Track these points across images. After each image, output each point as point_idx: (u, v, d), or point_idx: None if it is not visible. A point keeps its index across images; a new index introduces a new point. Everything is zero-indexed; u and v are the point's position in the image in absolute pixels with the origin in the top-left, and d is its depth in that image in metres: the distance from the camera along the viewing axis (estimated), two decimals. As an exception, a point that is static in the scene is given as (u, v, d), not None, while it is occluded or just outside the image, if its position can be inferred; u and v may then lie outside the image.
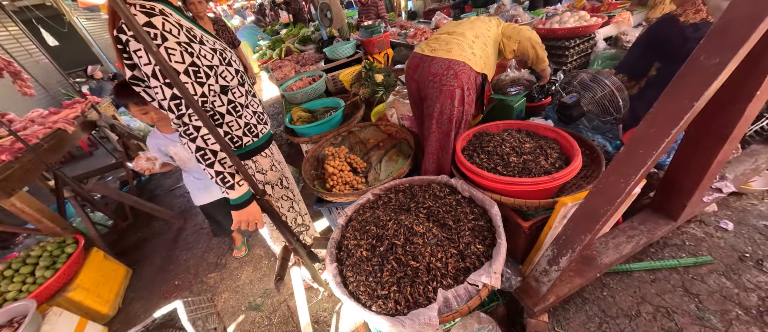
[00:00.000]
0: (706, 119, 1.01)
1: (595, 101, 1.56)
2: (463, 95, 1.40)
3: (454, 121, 1.44)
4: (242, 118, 1.10)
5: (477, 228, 1.16)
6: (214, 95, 0.99)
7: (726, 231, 1.50)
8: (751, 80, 0.86)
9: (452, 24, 1.60)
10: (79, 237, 1.72)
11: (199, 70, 0.91)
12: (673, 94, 0.82)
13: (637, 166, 0.86)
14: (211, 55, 0.96)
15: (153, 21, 0.81)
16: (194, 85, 0.90)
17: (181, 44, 0.86)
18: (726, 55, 0.73)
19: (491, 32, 1.51)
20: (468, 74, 1.37)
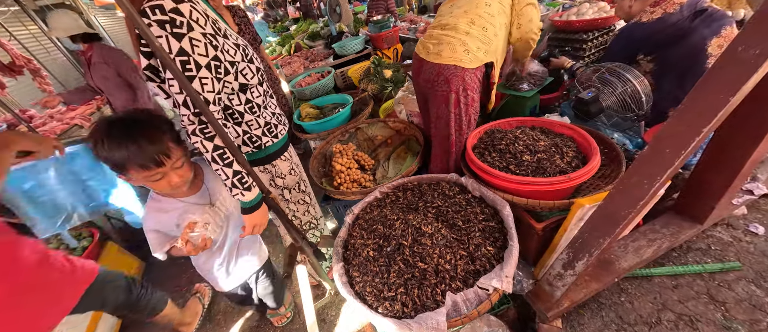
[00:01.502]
0: (740, 116, 0.93)
1: (616, 96, 1.48)
2: (458, 98, 1.34)
3: (451, 124, 1.39)
4: (261, 118, 1.07)
5: (488, 229, 1.12)
6: (232, 93, 0.95)
7: (756, 235, 1.41)
8: (794, 73, 0.78)
9: (449, 5, 1.45)
10: (95, 231, 1.77)
11: (221, 65, 0.86)
12: (706, 89, 0.75)
13: (663, 166, 0.80)
14: (234, 51, 0.91)
15: (180, 7, 0.76)
16: (213, 80, 0.85)
17: (207, 36, 0.81)
18: (766, 45, 0.67)
19: (493, 9, 1.32)
20: (460, 77, 1.30)
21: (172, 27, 0.75)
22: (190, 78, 0.80)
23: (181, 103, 0.83)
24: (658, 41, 1.48)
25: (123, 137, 0.78)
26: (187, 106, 0.82)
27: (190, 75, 0.80)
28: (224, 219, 1.09)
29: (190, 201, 0.99)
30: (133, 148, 0.79)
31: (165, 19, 0.74)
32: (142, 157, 0.81)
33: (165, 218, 0.95)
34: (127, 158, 0.79)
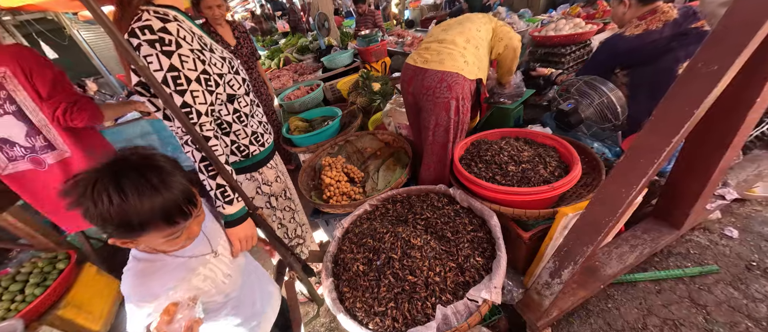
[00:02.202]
0: (706, 126, 0.99)
1: (594, 107, 1.55)
2: (458, 105, 1.39)
3: (450, 131, 1.43)
4: (248, 127, 1.09)
5: (476, 239, 1.13)
6: (221, 104, 0.98)
7: (731, 238, 1.47)
8: (751, 86, 0.85)
9: (441, 28, 1.55)
10: (72, 253, 1.69)
11: (210, 77, 0.90)
12: (673, 102, 0.80)
13: (638, 175, 0.84)
14: (221, 63, 0.95)
15: (168, 27, 0.79)
16: (204, 92, 0.88)
17: (194, 51, 0.84)
18: (725, 61, 0.72)
19: (482, 32, 1.48)
20: (461, 85, 1.36)
21: (161, 45, 0.78)
22: (182, 92, 0.82)
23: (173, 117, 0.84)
24: (634, 57, 1.55)
25: (143, 187, 0.58)
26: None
27: (182, 89, 0.82)
28: (232, 267, 0.89)
29: (186, 254, 0.76)
30: (159, 199, 0.60)
31: (154, 38, 0.77)
32: (172, 210, 0.63)
33: (157, 285, 0.69)
34: (151, 214, 0.59)
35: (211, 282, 0.78)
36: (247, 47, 2.47)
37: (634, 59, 1.55)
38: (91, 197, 0.55)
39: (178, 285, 0.70)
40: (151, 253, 0.71)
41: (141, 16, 0.78)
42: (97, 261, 1.90)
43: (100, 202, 0.55)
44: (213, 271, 0.80)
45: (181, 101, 0.82)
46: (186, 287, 0.72)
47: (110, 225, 0.58)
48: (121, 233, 0.60)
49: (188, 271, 0.75)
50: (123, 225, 0.58)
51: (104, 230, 0.59)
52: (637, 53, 1.53)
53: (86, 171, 0.58)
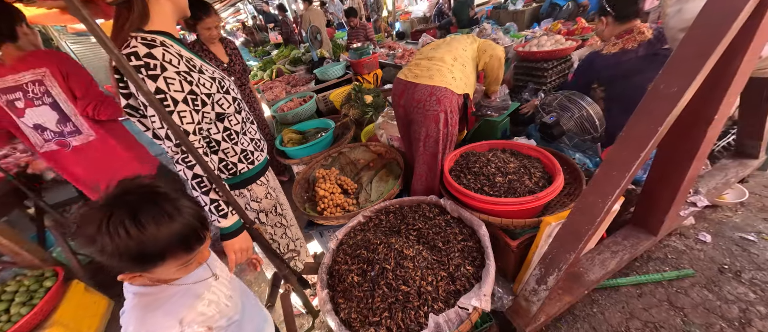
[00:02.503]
0: (673, 140, 1.08)
1: (574, 120, 1.64)
2: (447, 118, 1.46)
3: (439, 142, 1.50)
4: (238, 145, 1.12)
5: (466, 249, 1.18)
6: (210, 122, 1.01)
7: (705, 243, 1.56)
8: (708, 106, 0.93)
9: (430, 47, 1.65)
10: (59, 270, 1.66)
11: (197, 97, 0.93)
12: (640, 120, 0.88)
13: (612, 186, 0.91)
14: (210, 84, 0.98)
15: (153, 52, 0.84)
16: (192, 112, 0.91)
17: (180, 73, 0.88)
18: (682, 84, 0.80)
19: (468, 52, 1.59)
20: (450, 98, 1.44)
21: (146, 70, 0.83)
22: (169, 112, 0.86)
23: (163, 136, 0.90)
24: (610, 75, 1.66)
25: (160, 216, 0.58)
26: (169, 137, 0.89)
27: (169, 110, 0.86)
28: (232, 289, 0.88)
29: (189, 280, 0.74)
30: (176, 226, 0.59)
31: (140, 63, 0.82)
32: (190, 236, 0.62)
33: (165, 317, 0.67)
34: (169, 243, 0.59)
35: (215, 306, 0.77)
36: (239, 64, 2.50)
37: (611, 76, 1.66)
38: (108, 232, 0.53)
39: (186, 315, 0.69)
40: (151, 286, 0.68)
41: (129, 43, 0.83)
42: (85, 278, 1.86)
43: (117, 236, 0.53)
44: (216, 295, 0.80)
45: None
46: (193, 315, 0.71)
47: (127, 259, 0.56)
48: (137, 265, 0.59)
49: (194, 298, 0.73)
50: (140, 257, 0.57)
51: (119, 264, 0.57)
52: (612, 70, 1.63)
53: (94, 208, 0.56)
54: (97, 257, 0.56)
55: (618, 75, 1.63)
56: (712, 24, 0.79)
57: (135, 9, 0.85)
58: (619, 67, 1.61)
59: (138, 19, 0.86)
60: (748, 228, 1.58)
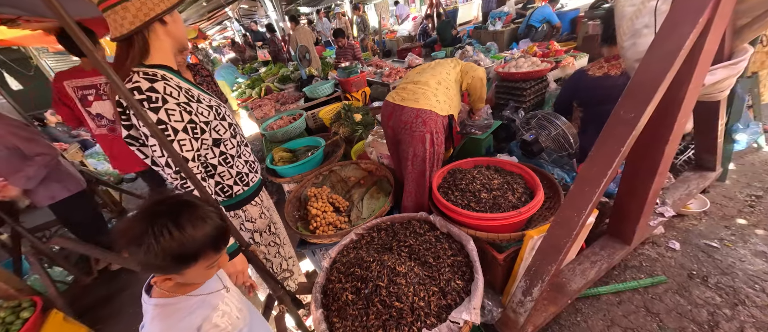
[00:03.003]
0: (637, 157, 1.19)
1: (551, 138, 1.76)
2: (433, 138, 1.55)
3: (426, 161, 1.57)
4: (234, 168, 1.15)
5: (456, 263, 1.23)
6: (207, 148, 1.05)
7: (675, 251, 1.67)
8: (663, 127, 1.05)
9: (416, 71, 1.77)
10: (37, 299, 1.58)
11: (196, 126, 0.98)
12: (606, 141, 0.98)
13: (585, 201, 0.99)
14: (208, 112, 1.03)
15: (155, 86, 0.89)
16: (191, 140, 0.96)
17: (180, 104, 0.93)
18: (639, 110, 0.91)
19: (451, 75, 1.69)
20: (435, 120, 1.53)
21: (148, 103, 0.88)
22: (170, 141, 0.91)
23: (164, 164, 0.93)
24: (590, 96, 1.79)
25: (195, 220, 0.67)
26: (169, 165, 0.93)
27: (170, 139, 0.91)
28: (241, 302, 0.95)
29: (204, 291, 0.81)
30: (208, 228, 0.69)
31: (143, 98, 0.87)
32: (218, 237, 0.72)
33: (180, 325, 0.74)
34: (203, 243, 0.68)
35: (228, 318, 0.82)
36: (214, 90, 2.42)
37: (589, 97, 1.81)
38: (153, 234, 0.62)
39: (203, 325, 0.75)
40: (170, 297, 0.75)
41: (132, 78, 0.88)
42: (64, 306, 1.78)
43: (162, 237, 0.63)
44: (228, 306, 0.85)
45: None
46: (209, 326, 0.76)
47: (169, 258, 0.65)
48: (176, 264, 0.67)
49: (210, 308, 0.79)
50: (180, 256, 0.66)
51: (162, 263, 0.65)
52: (592, 92, 1.78)
53: (136, 218, 0.64)
54: (142, 258, 0.63)
55: (596, 98, 1.76)
56: (660, 59, 0.91)
57: (136, 45, 0.90)
58: (598, 90, 1.74)
59: (139, 54, 0.91)
60: (711, 236, 1.71)
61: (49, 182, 2.00)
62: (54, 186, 2.01)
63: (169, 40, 0.99)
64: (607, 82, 1.71)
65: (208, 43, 12.59)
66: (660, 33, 0.91)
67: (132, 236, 0.63)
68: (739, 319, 1.32)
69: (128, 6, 0.86)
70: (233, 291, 0.92)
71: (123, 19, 0.87)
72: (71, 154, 2.95)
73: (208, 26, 12.08)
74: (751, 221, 1.74)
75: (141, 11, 0.87)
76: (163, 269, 0.67)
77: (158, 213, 0.65)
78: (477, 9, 8.86)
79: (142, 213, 0.65)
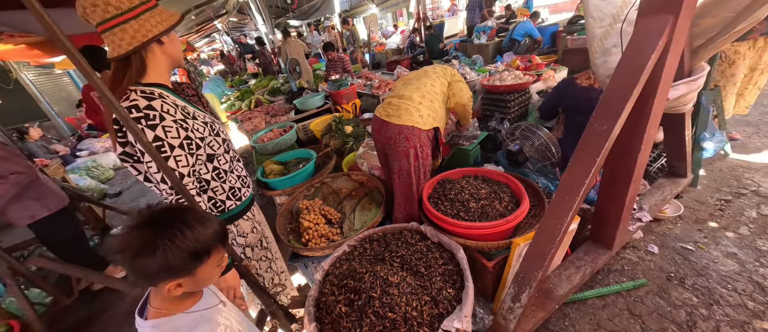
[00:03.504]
0: (613, 166, 1.27)
1: (535, 148, 1.84)
2: (416, 152, 1.60)
3: (412, 175, 1.63)
4: (226, 183, 1.17)
5: (447, 272, 1.26)
6: (201, 163, 1.07)
7: (654, 254, 1.75)
8: (634, 138, 1.13)
9: (402, 82, 1.79)
10: (14, 323, 1.51)
11: (192, 142, 1.00)
12: (582, 152, 1.05)
13: (566, 209, 1.05)
14: (203, 128, 1.06)
15: (153, 104, 0.91)
16: (187, 156, 0.98)
17: (177, 121, 0.96)
18: (610, 123, 0.98)
19: (436, 87, 1.70)
20: (417, 135, 1.58)
21: (146, 120, 0.89)
22: (166, 157, 0.92)
23: (159, 180, 0.95)
24: (574, 104, 1.88)
25: (201, 219, 0.72)
26: (164, 181, 0.95)
27: (166, 155, 0.92)
28: (239, 314, 0.95)
29: (201, 307, 0.81)
30: (214, 224, 0.74)
31: (140, 115, 0.89)
32: (223, 231, 0.77)
33: None
34: (213, 237, 0.72)
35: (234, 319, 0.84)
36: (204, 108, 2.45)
37: (573, 106, 1.90)
38: (166, 237, 0.65)
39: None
40: (166, 315, 0.75)
41: (129, 96, 0.90)
42: (42, 329, 1.70)
43: (175, 238, 0.66)
44: (228, 320, 0.85)
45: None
46: None
47: (185, 256, 0.67)
48: (192, 262, 0.69)
49: (210, 323, 0.80)
50: (196, 251, 0.69)
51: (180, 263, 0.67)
52: (576, 101, 1.87)
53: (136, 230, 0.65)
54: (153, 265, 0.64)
55: (579, 107, 1.86)
56: (627, 75, 0.99)
57: (133, 65, 0.92)
58: (582, 99, 1.83)
59: (136, 74, 0.93)
60: (686, 239, 1.80)
61: (27, 200, 1.93)
62: (33, 204, 1.95)
63: (165, 58, 1.01)
64: (591, 94, 1.80)
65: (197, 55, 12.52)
66: (626, 53, 1.00)
67: (138, 247, 0.64)
68: (714, 319, 1.39)
69: (126, 28, 0.88)
70: (230, 305, 0.92)
71: (121, 40, 0.89)
72: (52, 170, 2.86)
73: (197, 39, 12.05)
74: (722, 224, 1.85)
75: (139, 32, 0.90)
76: (179, 269, 0.68)
77: (162, 220, 0.67)
78: (462, 22, 9.19)
79: (141, 224, 0.66)
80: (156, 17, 0.94)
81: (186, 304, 0.78)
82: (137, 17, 0.90)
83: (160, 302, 0.76)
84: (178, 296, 0.75)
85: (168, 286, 0.68)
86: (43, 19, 0.59)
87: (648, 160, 1.51)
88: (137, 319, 0.75)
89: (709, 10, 1.03)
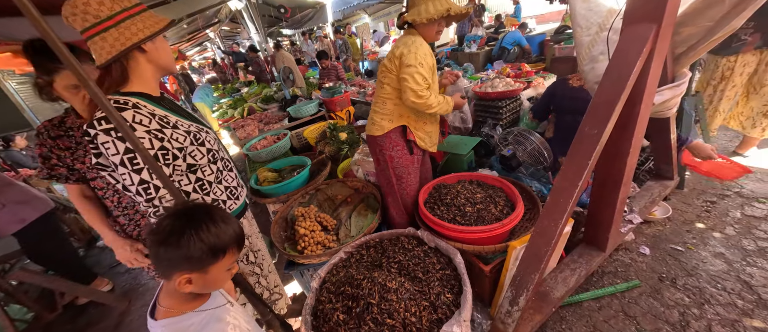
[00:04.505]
0: (604, 169, 1.30)
1: (528, 153, 1.88)
2: (391, 154, 1.68)
3: (393, 184, 1.72)
4: (210, 195, 1.13)
5: (445, 277, 1.26)
6: (181, 174, 1.03)
7: (645, 255, 1.79)
8: (623, 141, 1.17)
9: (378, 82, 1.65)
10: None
11: (168, 152, 0.97)
12: (574, 155, 1.07)
13: (560, 211, 1.07)
14: (184, 137, 1.02)
15: (124, 115, 0.89)
16: (163, 166, 0.95)
17: (151, 132, 0.93)
18: (600, 127, 1.01)
19: (387, 90, 1.58)
20: (388, 138, 1.65)
21: (116, 133, 0.87)
22: (138, 170, 0.91)
23: (135, 192, 0.93)
24: (564, 105, 1.94)
25: (225, 217, 0.77)
26: (139, 194, 0.93)
27: (138, 167, 0.91)
28: (247, 315, 0.97)
29: (210, 306, 0.83)
30: (235, 225, 0.78)
31: (110, 126, 0.87)
32: (241, 235, 0.81)
33: None
34: (232, 238, 0.76)
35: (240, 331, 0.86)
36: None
37: (564, 106, 1.95)
38: (193, 229, 0.70)
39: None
40: (177, 315, 0.77)
41: None
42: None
43: (201, 231, 0.70)
44: (237, 319, 0.87)
45: (138, 178, 0.91)
46: None
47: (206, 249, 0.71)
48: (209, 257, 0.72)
49: (221, 322, 0.82)
50: (215, 247, 0.72)
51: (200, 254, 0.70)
52: (567, 102, 1.92)
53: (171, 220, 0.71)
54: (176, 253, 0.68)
55: (568, 107, 1.91)
56: (615, 82, 1.02)
57: (113, 74, 0.91)
58: (573, 100, 1.90)
59: (115, 83, 0.92)
60: (676, 240, 1.85)
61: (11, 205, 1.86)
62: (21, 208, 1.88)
63: (150, 67, 0.99)
64: (581, 94, 1.87)
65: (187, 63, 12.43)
66: (612, 61, 1.04)
67: (168, 231, 0.69)
68: (706, 318, 1.42)
69: (106, 36, 0.87)
70: (237, 305, 0.94)
71: (101, 48, 0.88)
72: (36, 180, 2.77)
73: (188, 47, 11.98)
74: (709, 225, 1.90)
75: (118, 41, 0.88)
76: (197, 261, 0.71)
77: (193, 213, 0.73)
78: (453, 32, 9.39)
79: (176, 214, 0.72)
80: (138, 24, 0.92)
81: (195, 304, 0.81)
82: (117, 25, 0.88)
83: (169, 301, 0.78)
84: (187, 296, 0.79)
85: (179, 280, 0.71)
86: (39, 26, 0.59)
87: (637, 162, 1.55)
88: (149, 321, 0.78)
89: (689, 19, 1.09)
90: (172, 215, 0.72)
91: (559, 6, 7.27)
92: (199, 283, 0.74)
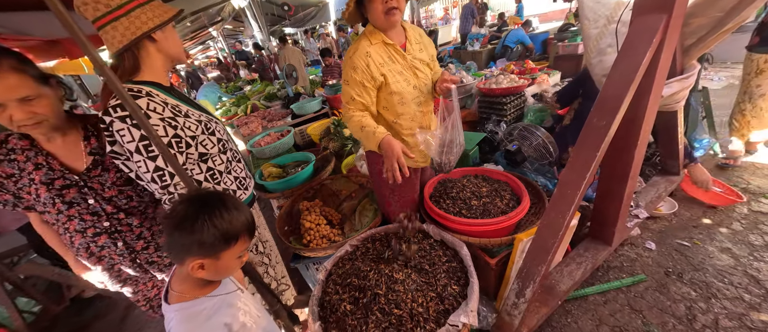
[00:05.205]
0: (611, 162, 1.30)
1: (533, 147, 1.88)
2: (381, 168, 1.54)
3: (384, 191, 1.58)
4: (221, 185, 1.15)
5: (451, 269, 1.26)
6: (194, 163, 1.05)
7: (651, 250, 1.78)
8: (631, 134, 1.16)
9: None
10: (2, 331, 1.45)
11: (182, 140, 0.99)
12: (582, 147, 1.07)
13: (568, 204, 1.07)
14: (196, 127, 1.04)
15: (138, 102, 0.90)
16: (176, 154, 0.97)
17: (165, 120, 0.95)
18: (609, 118, 1.01)
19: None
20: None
21: (131, 119, 0.89)
22: (154, 157, 0.92)
23: (150, 179, 0.94)
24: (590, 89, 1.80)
25: (237, 205, 0.77)
26: (154, 181, 0.94)
27: (153, 154, 0.92)
28: (257, 302, 0.98)
29: (222, 292, 0.84)
30: (247, 213, 0.79)
31: (125, 114, 0.88)
32: (253, 223, 0.81)
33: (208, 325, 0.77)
34: (243, 225, 0.77)
35: (250, 318, 0.87)
36: None
37: (589, 92, 1.85)
38: (207, 215, 0.70)
39: (232, 322, 0.80)
40: (189, 300, 0.78)
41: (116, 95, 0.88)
42: (32, 339, 1.64)
43: (215, 217, 0.71)
44: (247, 306, 0.89)
45: (153, 166, 0.92)
46: (238, 326, 0.81)
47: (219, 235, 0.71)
48: (221, 243, 0.72)
49: (232, 307, 0.83)
50: (227, 233, 0.72)
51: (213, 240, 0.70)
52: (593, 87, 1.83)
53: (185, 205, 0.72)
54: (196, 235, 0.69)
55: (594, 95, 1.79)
56: (624, 74, 1.02)
57: (125, 63, 0.93)
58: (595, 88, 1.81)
59: (128, 72, 0.94)
60: (682, 235, 1.84)
61: None
62: None
63: (160, 56, 1.00)
64: None
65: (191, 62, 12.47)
66: (621, 52, 1.03)
67: (182, 216, 0.69)
68: (713, 312, 1.42)
69: (117, 25, 0.89)
70: (247, 292, 0.94)
71: (113, 37, 0.89)
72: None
73: (192, 46, 12.01)
74: (715, 220, 1.89)
75: (129, 30, 0.90)
76: (210, 247, 0.71)
77: (206, 201, 0.73)
78: (455, 30, 9.37)
79: (190, 199, 0.74)
80: (147, 13, 0.93)
81: (207, 289, 0.81)
82: (127, 14, 0.89)
83: (182, 286, 0.80)
84: (199, 281, 0.79)
85: (192, 264, 0.71)
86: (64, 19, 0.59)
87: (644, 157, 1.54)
88: (163, 305, 0.79)
89: (699, 10, 1.08)
90: (187, 201, 0.73)
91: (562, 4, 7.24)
92: (211, 269, 0.75)
